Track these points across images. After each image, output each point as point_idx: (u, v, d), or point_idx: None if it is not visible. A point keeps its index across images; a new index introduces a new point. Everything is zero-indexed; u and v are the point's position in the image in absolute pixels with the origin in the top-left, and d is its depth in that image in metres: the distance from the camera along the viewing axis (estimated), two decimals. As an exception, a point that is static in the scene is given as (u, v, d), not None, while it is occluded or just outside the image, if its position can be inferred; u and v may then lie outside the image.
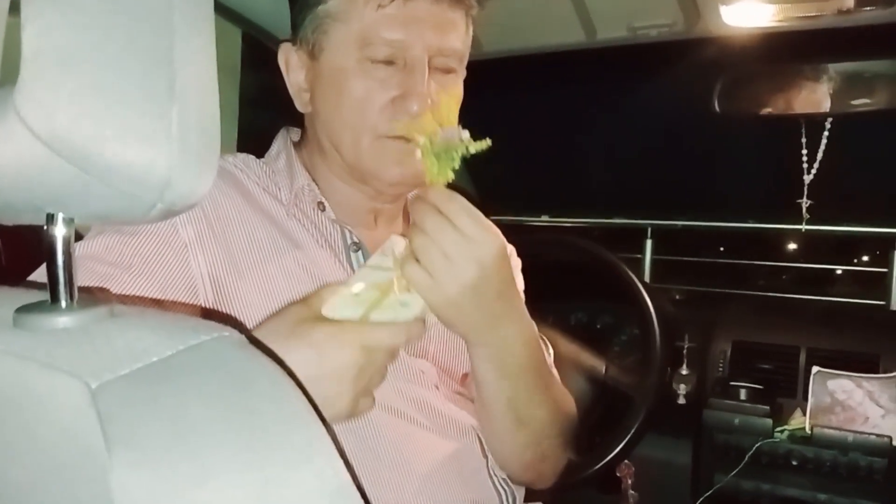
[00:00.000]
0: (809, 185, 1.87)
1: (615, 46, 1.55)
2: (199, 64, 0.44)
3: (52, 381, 0.39)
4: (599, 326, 2.06)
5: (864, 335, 1.69)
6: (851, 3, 1.27)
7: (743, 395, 1.63)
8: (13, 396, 0.41)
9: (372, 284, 0.77)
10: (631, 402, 1.67)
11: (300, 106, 0.97)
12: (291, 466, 0.39)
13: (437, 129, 0.79)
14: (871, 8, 1.27)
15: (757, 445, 1.56)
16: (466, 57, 0.95)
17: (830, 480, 1.54)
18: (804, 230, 2.00)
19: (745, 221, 2.35)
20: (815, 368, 1.60)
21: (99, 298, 0.46)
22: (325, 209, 0.96)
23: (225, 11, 1.21)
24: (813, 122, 1.81)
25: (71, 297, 0.45)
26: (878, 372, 1.58)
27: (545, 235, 2.36)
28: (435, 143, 0.79)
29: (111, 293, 0.75)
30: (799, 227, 2.00)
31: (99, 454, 0.36)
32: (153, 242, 0.83)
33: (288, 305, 0.75)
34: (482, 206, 1.14)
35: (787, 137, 1.92)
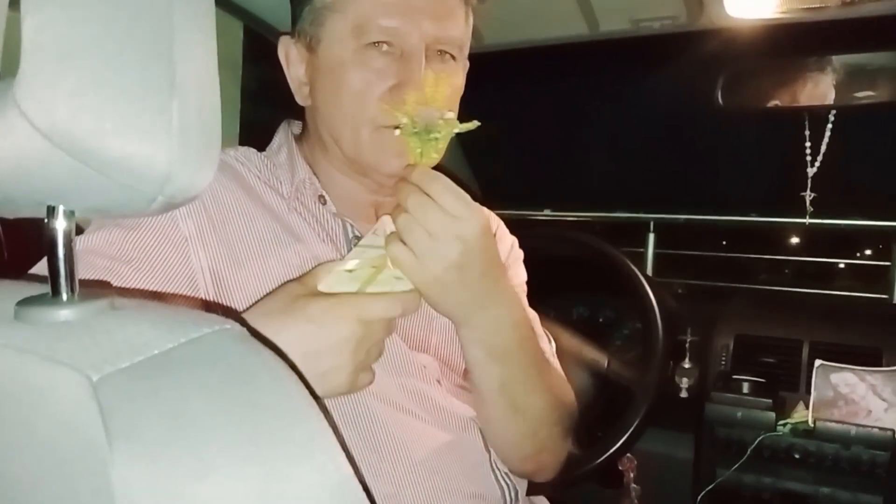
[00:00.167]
0: (813, 178, 1.86)
1: (618, 39, 1.54)
2: (199, 57, 0.44)
3: (52, 374, 0.39)
4: (601, 320, 2.06)
5: (867, 329, 1.69)
6: (855, -6, 1.27)
7: (745, 388, 1.62)
8: (14, 390, 0.41)
9: (366, 261, 0.78)
10: (633, 396, 1.67)
11: (300, 99, 0.97)
12: (293, 460, 0.39)
13: (418, 108, 0.79)
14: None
15: (759, 439, 1.56)
16: (467, 46, 0.95)
17: (833, 474, 1.54)
18: (807, 224, 2.00)
19: (747, 215, 2.34)
20: (817, 362, 1.59)
21: (100, 292, 0.46)
22: (326, 202, 0.96)
23: (226, 4, 1.20)
24: (816, 115, 1.80)
25: (72, 290, 0.44)
26: (881, 365, 1.58)
27: (547, 230, 2.37)
28: (416, 122, 0.78)
29: (112, 286, 0.75)
30: (802, 220, 2.00)
31: (100, 447, 0.36)
32: (153, 236, 0.83)
33: (283, 284, 0.76)
34: (484, 200, 1.14)
35: (790, 131, 1.92)
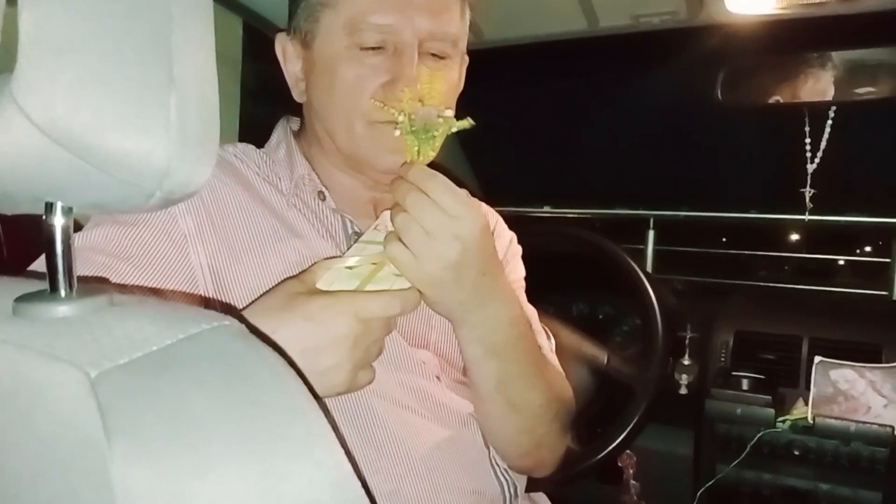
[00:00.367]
0: (813, 174, 1.86)
1: (617, 36, 1.54)
2: (197, 52, 0.44)
3: (51, 370, 0.38)
4: (601, 317, 2.06)
5: (866, 325, 1.69)
6: (855, -11, 1.26)
7: (745, 385, 1.63)
8: (13, 386, 0.41)
9: (366, 258, 0.78)
10: (632, 392, 1.67)
11: (297, 95, 0.97)
12: (292, 457, 0.39)
13: (415, 107, 0.79)
14: (875, -6, 1.26)
15: (759, 435, 1.56)
16: (462, 42, 0.95)
17: (832, 470, 1.54)
18: (807, 220, 2.00)
19: (747, 212, 2.34)
20: (817, 358, 1.60)
21: (98, 288, 0.46)
22: (325, 198, 0.95)
23: (226, 1, 1.20)
24: (816, 111, 1.80)
25: (70, 286, 0.44)
26: (880, 362, 1.58)
27: (547, 227, 2.36)
28: (413, 121, 0.78)
29: (110, 283, 0.75)
30: (802, 217, 2.00)
31: (98, 443, 0.36)
32: (152, 233, 0.82)
33: (282, 281, 0.76)
34: (484, 196, 1.14)
35: (790, 127, 1.92)
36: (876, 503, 1.51)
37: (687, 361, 1.79)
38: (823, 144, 1.81)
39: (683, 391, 1.77)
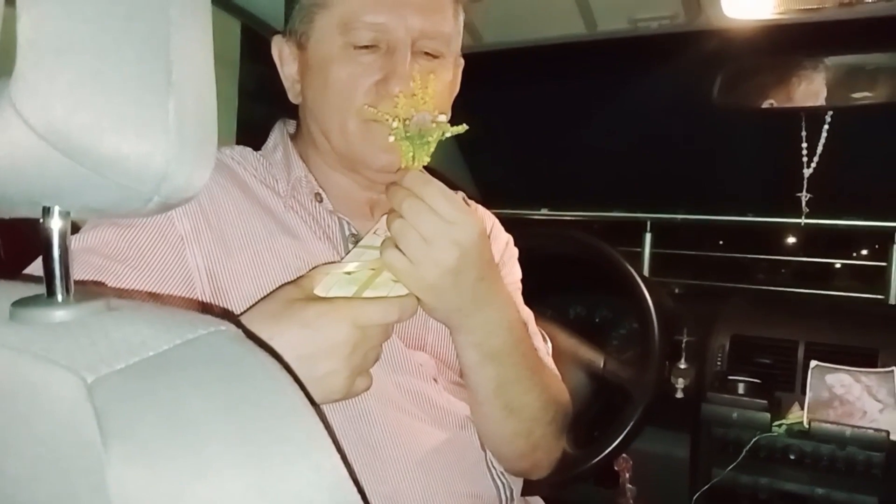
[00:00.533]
0: (809, 178, 1.87)
1: (615, 39, 1.54)
2: (195, 55, 0.44)
3: (48, 374, 0.38)
4: (598, 320, 2.07)
5: (862, 329, 1.69)
6: (853, -5, 1.27)
7: (741, 389, 1.63)
8: (9, 390, 0.41)
9: (364, 263, 0.77)
10: (629, 396, 1.67)
11: (293, 97, 0.98)
12: (289, 460, 0.39)
13: (410, 112, 0.79)
14: (871, 0, 1.26)
15: (755, 439, 1.57)
16: (456, 42, 0.95)
17: (828, 474, 1.54)
18: (803, 224, 2.00)
19: (744, 215, 2.35)
20: (813, 363, 1.60)
21: (95, 292, 0.46)
22: (322, 200, 0.95)
23: (224, 3, 1.20)
24: (813, 115, 1.81)
25: (67, 290, 0.44)
26: (876, 366, 1.58)
27: (544, 229, 2.37)
28: (408, 126, 0.78)
29: (108, 286, 0.74)
30: (798, 220, 2.00)
31: (95, 448, 0.36)
32: (149, 235, 0.82)
33: (279, 287, 0.75)
34: (481, 199, 1.14)
35: (787, 131, 1.92)
36: (871, 507, 1.52)
37: (683, 365, 1.79)
38: (820, 149, 1.81)
39: (680, 395, 1.77)
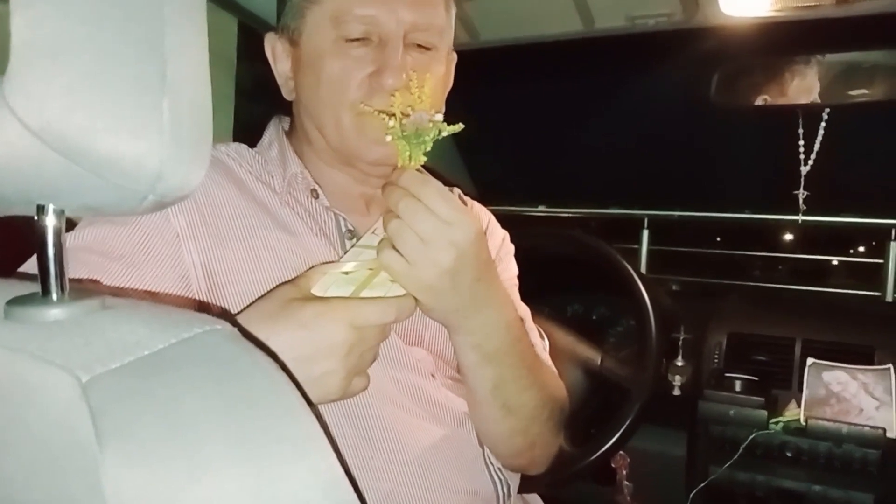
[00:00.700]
0: (806, 176, 1.87)
1: (612, 37, 1.54)
2: (190, 53, 0.44)
3: (43, 374, 0.38)
4: (595, 318, 2.07)
5: (859, 327, 1.70)
6: (849, -8, 1.27)
7: (738, 386, 1.63)
8: (4, 389, 0.40)
9: (362, 263, 0.77)
10: (626, 393, 1.67)
11: (286, 94, 0.98)
12: (285, 460, 0.39)
13: (406, 111, 0.79)
14: (869, -2, 1.27)
15: (752, 437, 1.57)
16: (448, 34, 0.95)
17: (825, 472, 1.54)
18: (800, 221, 2.01)
19: (741, 212, 2.35)
20: (810, 360, 1.60)
21: (90, 290, 0.46)
22: (318, 196, 0.95)
23: (221, 1, 1.20)
24: (810, 113, 1.81)
25: (62, 289, 0.44)
26: (873, 364, 1.59)
27: (542, 228, 2.37)
28: (404, 125, 0.78)
29: (103, 285, 0.74)
30: (795, 217, 2.01)
31: (90, 447, 0.36)
32: (145, 232, 0.82)
33: (276, 286, 0.75)
34: (479, 196, 1.14)
35: (784, 128, 1.92)
36: (868, 504, 1.52)
37: (680, 363, 1.79)
38: (817, 146, 1.81)
39: (677, 392, 1.77)
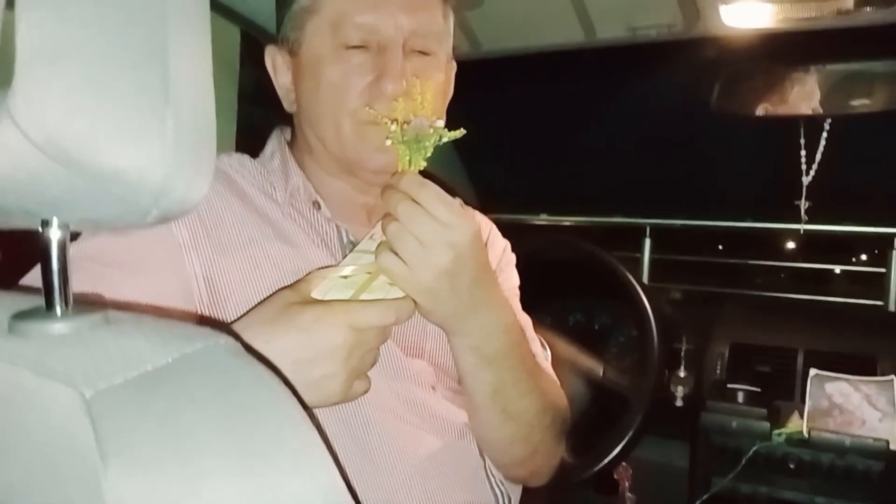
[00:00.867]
0: (808, 186, 1.87)
1: (614, 45, 1.54)
2: (194, 67, 0.44)
3: (46, 389, 0.38)
4: (597, 327, 2.07)
5: (861, 337, 1.69)
6: (850, 3, 1.27)
7: (740, 397, 1.63)
8: (8, 404, 0.41)
9: (360, 267, 0.78)
10: (628, 404, 1.67)
11: (287, 106, 0.98)
12: (285, 472, 0.39)
13: (408, 116, 0.79)
14: (870, 9, 1.27)
15: (754, 448, 1.56)
16: (447, 41, 0.96)
17: (828, 484, 1.54)
18: (803, 229, 2.00)
19: (743, 220, 2.35)
20: (812, 371, 1.60)
21: (94, 303, 0.46)
22: (320, 208, 0.96)
23: (223, 10, 1.20)
24: (812, 123, 1.81)
25: (66, 303, 0.44)
26: (875, 374, 1.58)
27: (543, 236, 2.37)
28: (405, 130, 0.79)
29: (105, 298, 0.74)
30: (797, 226, 2.00)
31: (93, 462, 0.36)
32: (147, 243, 0.82)
33: (276, 291, 0.76)
34: (481, 204, 1.14)
35: (786, 138, 1.92)
36: (871, 517, 1.51)
37: (682, 373, 1.79)
38: (819, 157, 1.81)
39: (679, 403, 1.77)
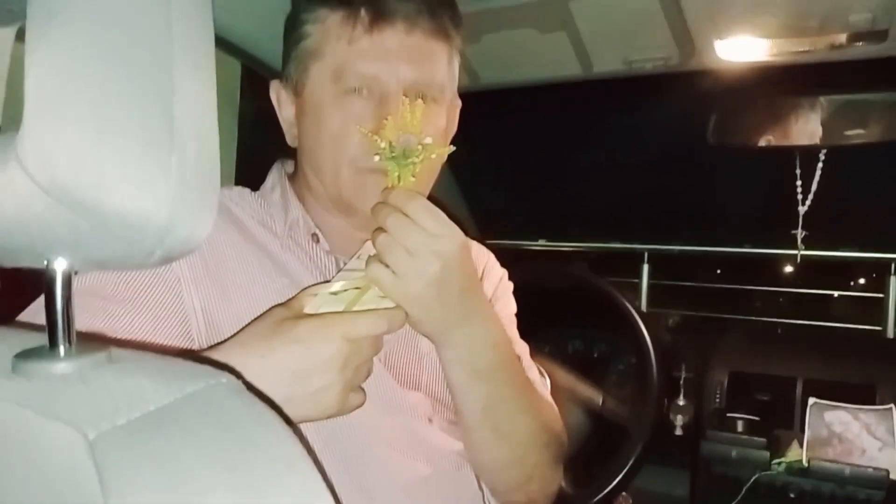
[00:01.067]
0: (804, 216, 1.88)
1: (611, 77, 1.56)
2: (199, 110, 0.45)
3: (50, 430, 0.39)
4: (597, 355, 2.06)
5: (860, 365, 1.69)
6: (843, 38, 1.29)
7: (740, 426, 1.63)
8: (10, 444, 0.41)
9: (350, 283, 0.79)
10: (628, 433, 1.66)
11: (290, 140, 0.99)
12: None
13: (397, 133, 0.81)
14: (861, 44, 1.29)
15: (754, 478, 1.56)
16: (450, 87, 0.96)
17: (829, 513, 1.53)
18: (800, 255, 2.01)
19: (741, 246, 2.36)
20: (811, 400, 1.60)
21: (97, 341, 0.46)
22: (319, 241, 0.96)
23: (224, 44, 1.22)
24: (807, 153, 1.82)
25: (69, 341, 0.45)
26: (874, 402, 1.58)
27: (541, 264, 2.37)
28: (394, 147, 0.80)
29: (108, 336, 0.75)
30: (794, 252, 2.01)
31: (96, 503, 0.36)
32: (147, 277, 0.83)
33: (269, 309, 0.77)
34: (478, 231, 1.14)
35: (782, 168, 1.94)
36: (872, 546, 1.50)
37: (682, 402, 1.78)
38: (814, 187, 1.83)
39: (679, 432, 1.76)
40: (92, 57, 0.40)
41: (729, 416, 1.66)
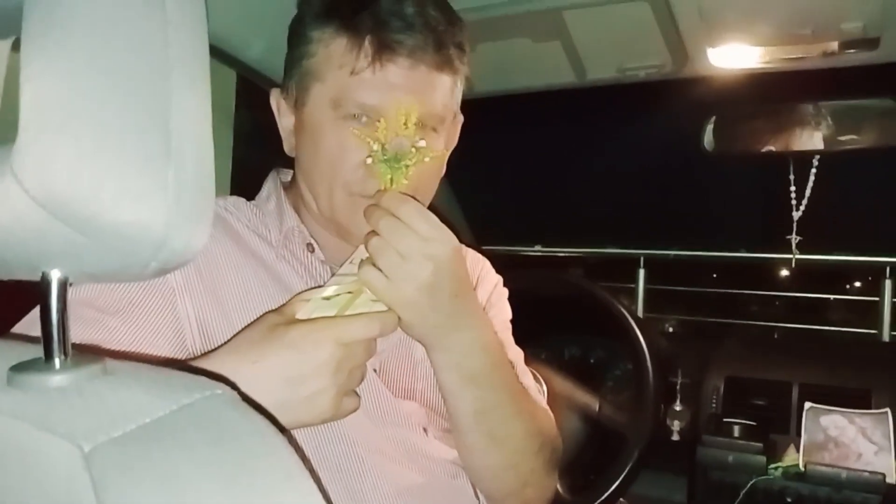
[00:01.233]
0: (798, 221, 1.89)
1: (606, 85, 1.57)
2: (195, 123, 0.45)
3: (45, 443, 0.39)
4: (593, 361, 2.06)
5: (856, 369, 1.70)
6: (835, 46, 1.30)
7: (736, 431, 1.63)
8: (6, 457, 0.41)
9: (342, 287, 0.79)
10: (625, 439, 1.66)
11: (288, 149, 0.99)
12: None
13: (389, 136, 0.81)
14: (853, 51, 1.30)
15: (751, 483, 1.56)
16: (451, 114, 0.95)
17: (826, 518, 1.53)
18: (795, 259, 2.02)
19: (737, 250, 2.37)
20: (807, 404, 1.60)
21: (92, 353, 0.46)
22: (314, 250, 0.96)
23: (219, 55, 1.22)
24: (800, 159, 1.83)
25: (65, 353, 0.45)
26: (870, 406, 1.58)
27: (536, 271, 2.38)
28: (386, 149, 0.80)
29: (103, 347, 0.75)
30: (789, 256, 2.02)
31: None
32: (141, 287, 0.83)
33: (262, 315, 0.77)
34: (475, 238, 1.14)
35: (776, 173, 1.95)
36: (869, 550, 1.50)
37: (679, 407, 1.79)
38: (808, 192, 1.83)
39: (676, 437, 1.76)
40: (88, 69, 0.40)
41: (726, 421, 1.66)
